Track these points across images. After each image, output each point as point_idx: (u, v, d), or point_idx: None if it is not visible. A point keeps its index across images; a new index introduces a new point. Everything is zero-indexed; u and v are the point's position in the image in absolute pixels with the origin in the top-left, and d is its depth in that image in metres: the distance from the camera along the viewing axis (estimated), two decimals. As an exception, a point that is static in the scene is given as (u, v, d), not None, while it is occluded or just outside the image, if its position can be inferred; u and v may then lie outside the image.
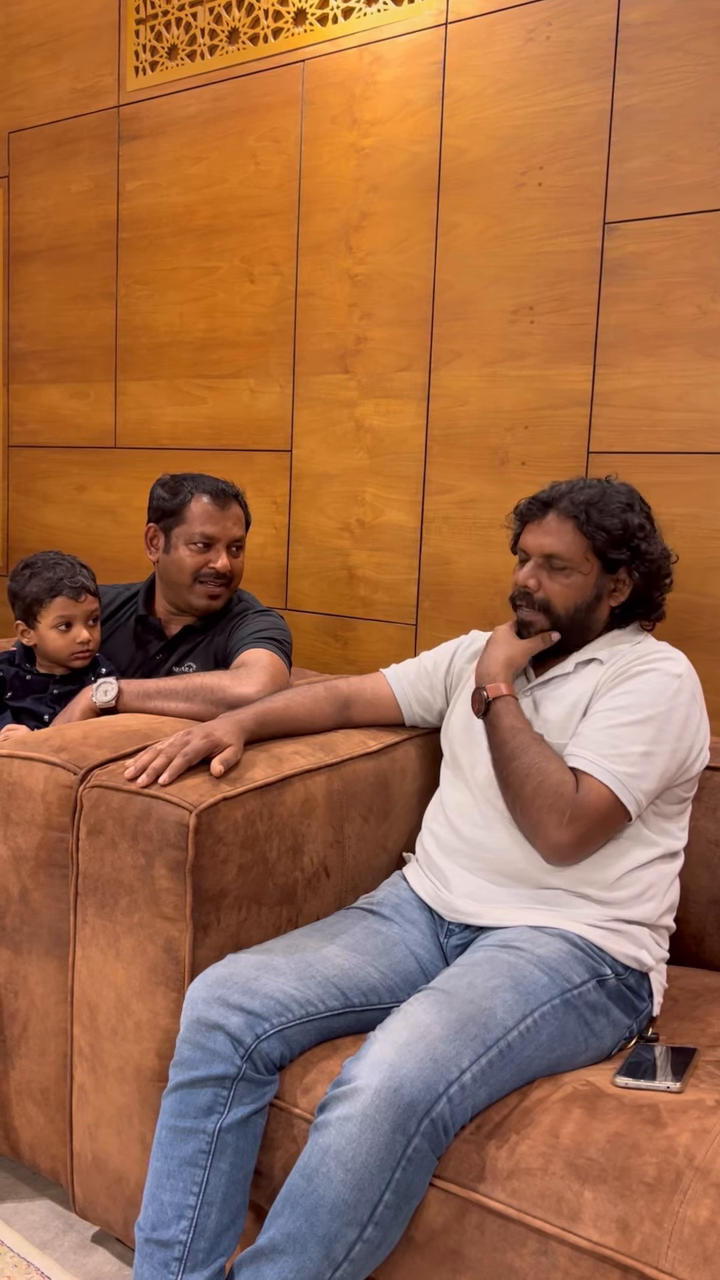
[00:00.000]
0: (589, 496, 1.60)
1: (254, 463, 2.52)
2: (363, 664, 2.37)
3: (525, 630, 1.65)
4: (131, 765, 1.52)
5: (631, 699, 1.52)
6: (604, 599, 1.62)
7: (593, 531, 1.58)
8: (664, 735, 1.50)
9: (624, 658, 1.58)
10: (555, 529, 1.61)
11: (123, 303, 2.74)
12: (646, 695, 1.51)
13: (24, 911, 1.63)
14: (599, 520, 1.58)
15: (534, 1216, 1.18)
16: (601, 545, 1.59)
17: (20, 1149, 1.71)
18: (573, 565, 1.60)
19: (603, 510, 1.59)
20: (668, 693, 1.52)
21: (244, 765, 1.56)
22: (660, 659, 1.56)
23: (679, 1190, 1.14)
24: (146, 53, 2.62)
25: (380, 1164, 1.19)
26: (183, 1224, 1.31)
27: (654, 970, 1.54)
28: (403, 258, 2.24)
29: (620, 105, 1.94)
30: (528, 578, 1.63)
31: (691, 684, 1.55)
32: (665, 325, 1.93)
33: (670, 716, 1.51)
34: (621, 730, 1.50)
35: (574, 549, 1.60)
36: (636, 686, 1.53)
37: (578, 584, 1.61)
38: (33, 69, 2.87)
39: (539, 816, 1.49)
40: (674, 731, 1.51)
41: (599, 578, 1.61)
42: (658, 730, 1.50)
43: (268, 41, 2.39)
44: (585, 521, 1.59)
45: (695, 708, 1.55)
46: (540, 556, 1.62)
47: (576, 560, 1.60)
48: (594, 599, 1.61)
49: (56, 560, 1.96)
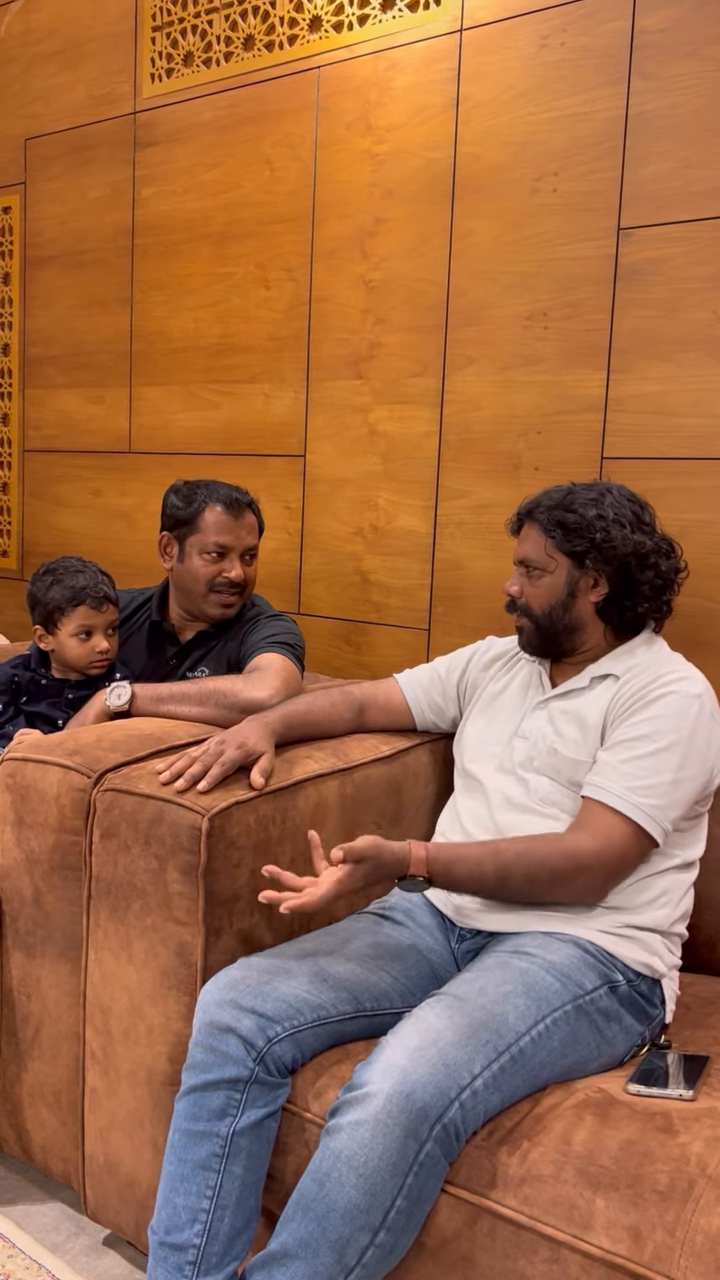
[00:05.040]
0: (556, 499, 1.63)
1: (268, 468, 2.53)
2: (376, 669, 2.37)
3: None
4: (165, 770, 1.52)
5: (652, 726, 1.51)
6: (580, 596, 1.62)
7: (551, 529, 1.61)
8: (689, 760, 1.50)
9: (639, 677, 1.57)
10: (527, 535, 1.66)
11: (138, 308, 2.75)
12: (668, 721, 1.50)
13: (37, 914, 1.64)
14: (558, 518, 1.61)
15: (545, 1224, 1.18)
16: (560, 540, 1.61)
17: (32, 1152, 1.71)
18: (542, 566, 1.63)
19: (566, 508, 1.61)
20: (689, 716, 1.51)
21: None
22: (677, 680, 1.54)
23: (691, 1199, 1.14)
24: (163, 60, 2.63)
25: (392, 1169, 1.19)
26: (196, 1227, 1.31)
27: (666, 977, 1.53)
28: (417, 263, 2.24)
29: (635, 111, 1.94)
30: (510, 585, 1.68)
31: (710, 703, 1.54)
32: (680, 331, 1.92)
33: (693, 740, 1.50)
34: (647, 761, 1.49)
35: (539, 550, 1.63)
36: (656, 713, 1.52)
37: (548, 584, 1.63)
38: (50, 76, 2.89)
39: (574, 886, 1.48)
40: (698, 755, 1.51)
41: (569, 574, 1.61)
42: (683, 756, 1.49)
43: (283, 48, 2.40)
44: (546, 521, 1.62)
45: (716, 727, 1.54)
46: (520, 564, 1.66)
47: (543, 561, 1.63)
48: (568, 596, 1.62)
49: (79, 568, 1.96)
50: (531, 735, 1.63)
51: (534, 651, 1.69)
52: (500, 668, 1.79)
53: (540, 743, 1.61)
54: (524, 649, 1.70)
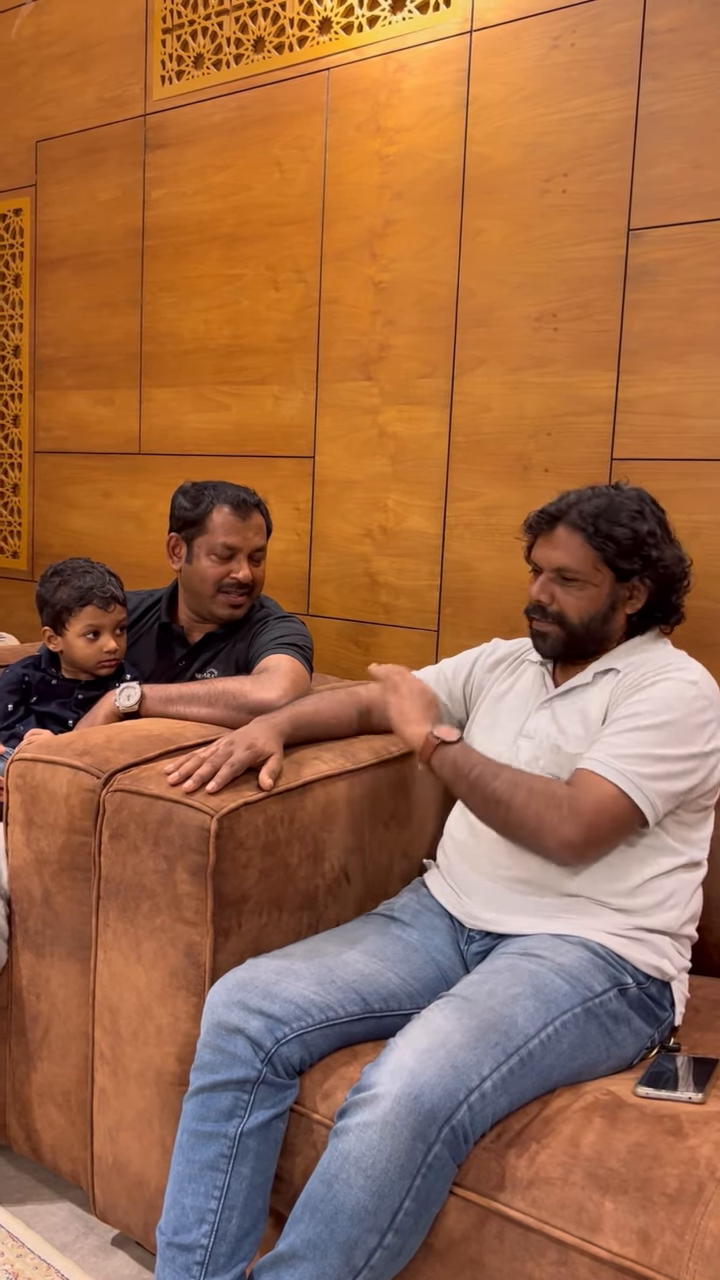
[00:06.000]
0: (597, 507, 1.57)
1: (277, 469, 2.53)
2: (385, 670, 2.36)
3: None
4: (174, 770, 1.53)
5: (647, 705, 1.50)
6: (619, 608, 1.60)
7: (602, 543, 1.55)
8: (678, 739, 1.48)
9: (640, 669, 1.56)
10: (564, 542, 1.58)
11: (148, 310, 2.76)
12: (661, 702, 1.50)
13: (47, 914, 1.64)
14: (608, 530, 1.55)
15: (554, 1226, 1.17)
16: (612, 556, 1.56)
17: (41, 1151, 1.72)
18: (584, 577, 1.57)
19: (612, 520, 1.56)
20: (685, 698, 1.50)
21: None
22: (675, 669, 1.54)
23: (700, 1202, 1.13)
24: (173, 62, 2.64)
25: (400, 1171, 1.19)
26: (204, 1228, 1.31)
27: (676, 979, 1.53)
28: (426, 265, 2.24)
29: (645, 112, 1.94)
30: (540, 592, 1.61)
31: (709, 690, 1.53)
32: (690, 331, 1.92)
33: (686, 722, 1.49)
34: (635, 734, 1.48)
35: (584, 562, 1.57)
36: (651, 694, 1.51)
37: (591, 595, 1.58)
38: (62, 79, 2.90)
39: (539, 818, 1.46)
40: (689, 734, 1.49)
41: (612, 587, 1.58)
42: (672, 735, 1.48)
43: (293, 50, 2.40)
44: (594, 533, 1.56)
45: (712, 713, 1.53)
46: (551, 570, 1.60)
47: (587, 572, 1.57)
48: (609, 609, 1.59)
49: (86, 568, 1.97)
50: (536, 734, 1.63)
51: (557, 658, 1.66)
52: (505, 670, 1.78)
53: (545, 741, 1.61)
54: (545, 655, 1.66)
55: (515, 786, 1.49)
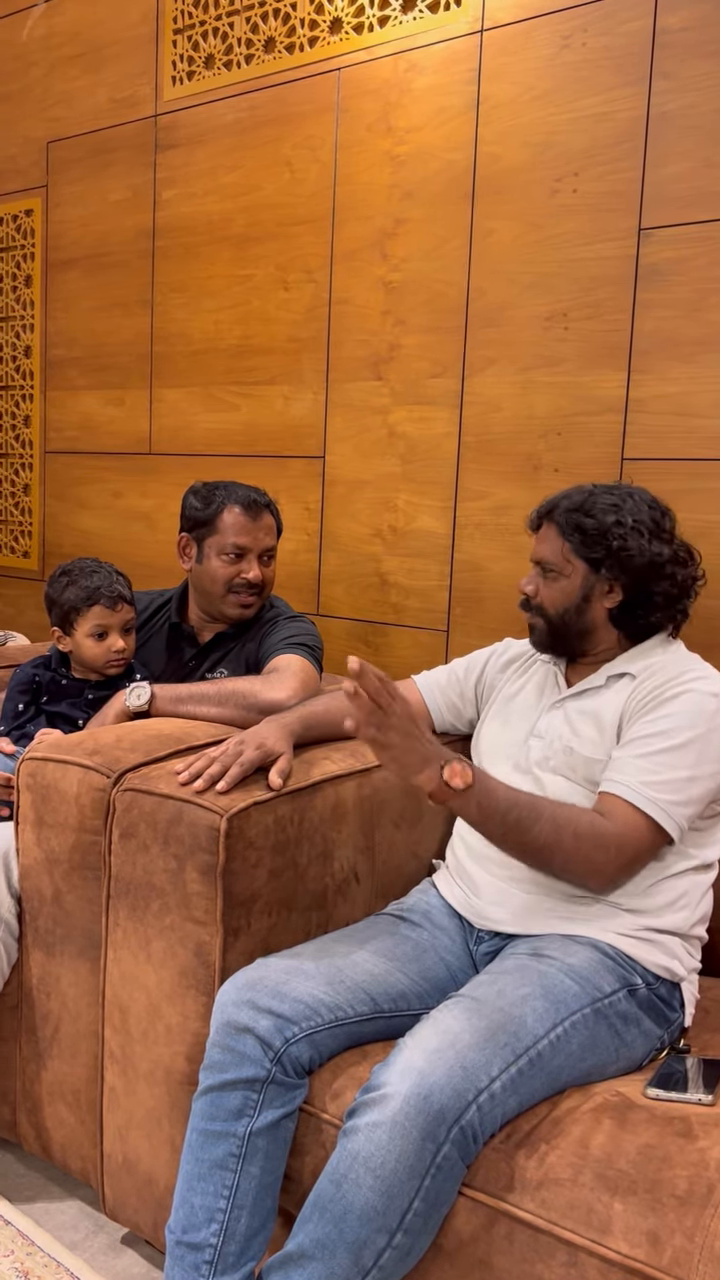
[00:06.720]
0: (575, 502, 1.62)
1: (287, 469, 2.53)
2: (394, 670, 2.36)
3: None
4: (184, 770, 1.53)
5: (669, 723, 1.50)
6: (594, 600, 1.61)
7: (570, 534, 1.61)
8: (705, 757, 1.49)
9: (656, 676, 1.56)
10: (545, 536, 1.66)
11: (158, 310, 2.76)
12: (685, 718, 1.50)
13: (57, 913, 1.64)
14: (577, 522, 1.60)
15: (563, 1227, 1.17)
16: (578, 545, 1.60)
17: (51, 1150, 1.72)
18: (558, 569, 1.62)
19: (585, 512, 1.60)
20: (706, 713, 1.50)
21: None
22: (695, 679, 1.53)
23: (710, 1204, 1.13)
24: (184, 62, 2.64)
25: (409, 1171, 1.19)
26: (213, 1227, 1.32)
27: (686, 981, 1.52)
28: (437, 264, 2.24)
29: (656, 111, 1.93)
30: (526, 584, 1.68)
31: None
32: (701, 331, 1.91)
33: (710, 738, 1.49)
34: (662, 756, 1.48)
35: (557, 553, 1.63)
36: (673, 710, 1.51)
37: (564, 587, 1.62)
38: (72, 79, 2.91)
39: (588, 861, 1.46)
40: (714, 752, 1.50)
41: (585, 579, 1.61)
42: (699, 754, 1.48)
43: (303, 50, 2.41)
44: (565, 525, 1.62)
45: None
46: (536, 564, 1.66)
47: (560, 564, 1.62)
48: (582, 600, 1.61)
49: (94, 568, 1.98)
50: (547, 735, 1.63)
51: (545, 650, 1.70)
52: (517, 669, 1.79)
53: (556, 742, 1.61)
54: (535, 647, 1.71)
55: (559, 830, 1.45)
